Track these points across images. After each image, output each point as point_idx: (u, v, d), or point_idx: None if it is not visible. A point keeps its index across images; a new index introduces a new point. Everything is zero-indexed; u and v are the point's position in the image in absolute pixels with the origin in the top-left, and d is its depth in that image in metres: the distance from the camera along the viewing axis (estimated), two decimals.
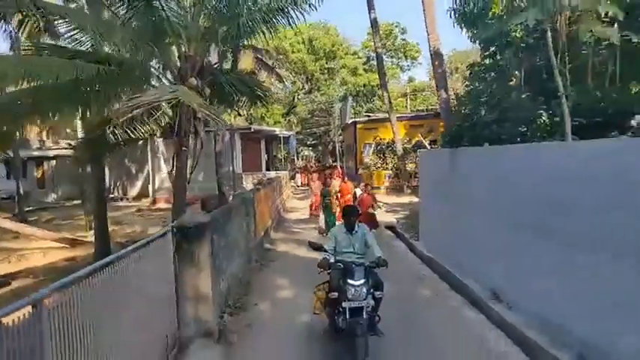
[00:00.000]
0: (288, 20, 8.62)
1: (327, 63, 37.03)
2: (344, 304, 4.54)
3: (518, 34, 8.38)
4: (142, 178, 28.88)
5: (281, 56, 27.66)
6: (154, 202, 24.62)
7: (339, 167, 25.24)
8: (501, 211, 6.16)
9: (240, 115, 22.25)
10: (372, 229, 9.92)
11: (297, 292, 7.10)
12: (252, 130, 24.57)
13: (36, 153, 30.54)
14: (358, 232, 5.25)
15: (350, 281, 4.60)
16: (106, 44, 7.00)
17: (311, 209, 15.93)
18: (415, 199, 14.39)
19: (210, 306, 5.14)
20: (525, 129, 7.57)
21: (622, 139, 5.14)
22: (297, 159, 40.15)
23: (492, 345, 5.18)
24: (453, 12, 9.26)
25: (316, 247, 5.19)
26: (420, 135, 20.18)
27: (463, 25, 9.15)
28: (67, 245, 12.48)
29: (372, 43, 23.36)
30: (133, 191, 29.10)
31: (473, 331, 5.59)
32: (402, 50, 40.37)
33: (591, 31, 5.27)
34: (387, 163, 23.01)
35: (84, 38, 7.00)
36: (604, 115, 6.30)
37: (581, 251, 4.36)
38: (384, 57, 37.59)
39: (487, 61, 9.95)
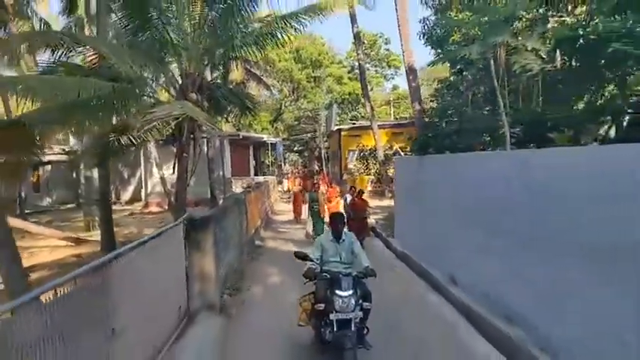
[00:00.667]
0: (277, 42, 9.82)
1: (313, 72, 38.33)
2: (331, 316, 4.40)
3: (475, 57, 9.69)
4: (134, 183, 29.78)
5: (269, 67, 28.78)
6: (147, 205, 25.48)
7: (324, 173, 26.41)
8: (456, 211, 7.38)
9: (228, 121, 23.31)
10: (364, 236, 10.42)
11: (284, 279, 8.26)
12: (241, 136, 25.64)
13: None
14: (345, 241, 5.15)
15: (338, 292, 4.48)
16: (119, 64, 8.02)
17: (295, 213, 16.96)
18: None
19: (213, 284, 6.27)
20: (489, 138, 8.80)
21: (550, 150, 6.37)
22: (284, 164, 41.23)
23: (447, 317, 6.38)
24: (422, 35, 10.51)
25: (301, 257, 4.97)
26: (395, 143, 21.48)
27: (431, 46, 10.41)
28: (71, 243, 13.43)
29: (361, 48, 24.55)
30: (126, 195, 29.99)
31: (432, 309, 6.78)
32: (386, 60, 41.90)
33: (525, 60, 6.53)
34: (369, 169, 24.28)
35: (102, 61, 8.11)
36: (544, 129, 7.57)
37: (518, 244, 5.54)
38: (368, 66, 39.18)
39: (452, 78, 11.19)
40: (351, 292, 4.49)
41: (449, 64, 12.12)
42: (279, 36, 9.46)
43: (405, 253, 9.83)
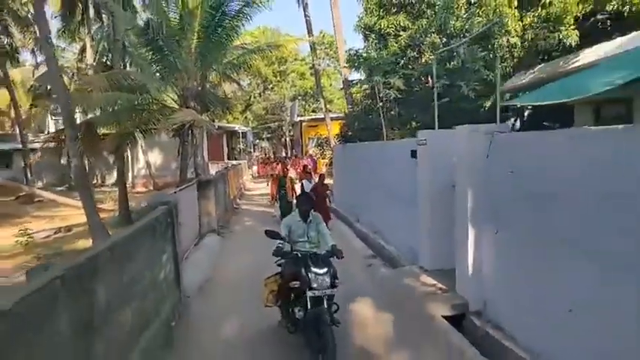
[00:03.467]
0: (249, 66, 14.38)
1: (279, 67, 42.69)
2: (308, 293, 4.47)
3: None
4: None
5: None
6: (133, 186, 29.56)
7: (296, 159, 30.92)
8: (361, 178, 12.16)
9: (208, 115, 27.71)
10: (327, 220, 10.75)
11: (255, 223, 13.01)
12: (217, 127, 29.93)
13: (19, 145, 34.49)
14: (312, 222, 5.29)
15: (315, 269, 4.56)
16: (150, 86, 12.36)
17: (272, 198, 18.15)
18: None
19: (214, 219, 10.93)
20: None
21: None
22: (254, 151, 45.59)
23: (349, 237, 11.16)
24: (348, 60, 15.20)
25: (272, 235, 5.03)
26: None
27: (355, 69, 15.14)
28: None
29: (316, 56, 28.98)
30: (111, 179, 33.81)
31: (345, 236, 11.53)
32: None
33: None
34: (325, 154, 29.03)
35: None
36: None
37: (385, 196, 10.38)
38: (328, 62, 43.86)
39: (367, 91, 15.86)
40: (326, 269, 4.60)
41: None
42: (249, 63, 14.07)
43: (335, 209, 14.69)
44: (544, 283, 4.15)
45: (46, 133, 35.26)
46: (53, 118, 39.74)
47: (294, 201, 7.97)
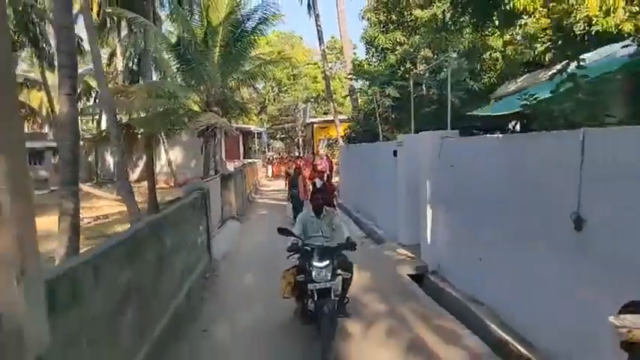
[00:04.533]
0: (264, 75, 16.33)
1: (292, 71, 44.65)
2: (310, 286, 4.62)
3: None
4: (141, 165, 35.92)
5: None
6: (156, 182, 31.69)
7: (305, 158, 32.83)
8: (361, 174, 13.96)
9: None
10: None
11: (268, 213, 14.92)
12: (234, 128, 32.00)
13: (50, 144, 36.98)
14: (326, 217, 5.44)
15: (314, 263, 4.68)
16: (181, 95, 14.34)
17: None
18: None
19: (234, 207, 12.86)
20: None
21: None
22: (268, 150, 47.63)
23: (348, 226, 12.98)
24: (352, 72, 17.02)
25: (285, 233, 5.14)
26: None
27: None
28: (121, 203, 19.76)
29: (327, 63, 30.80)
30: (134, 176, 36.08)
31: (346, 224, 13.33)
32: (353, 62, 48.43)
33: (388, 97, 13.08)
34: (334, 154, 30.85)
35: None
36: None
37: (375, 188, 12.19)
38: (339, 66, 45.69)
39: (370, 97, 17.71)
40: (326, 262, 4.68)
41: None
42: (264, 72, 16.04)
43: (341, 203, 16.52)
44: (469, 247, 6.00)
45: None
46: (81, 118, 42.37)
47: (307, 200, 8.39)
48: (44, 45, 27.10)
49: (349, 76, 17.84)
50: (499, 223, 5.14)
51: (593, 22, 12.31)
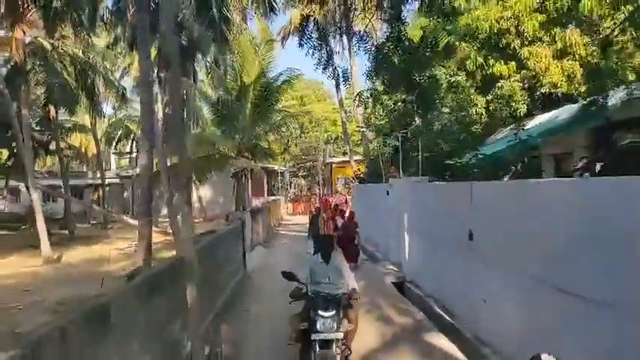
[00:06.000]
0: (288, 126, 19.39)
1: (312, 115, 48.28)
2: (313, 336, 4.47)
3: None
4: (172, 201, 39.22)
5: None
6: None
7: (325, 199, 35.57)
8: (368, 209, 16.54)
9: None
10: (354, 264, 10.52)
11: (289, 242, 17.60)
12: (259, 167, 35.19)
13: (90, 181, 40.61)
14: (333, 263, 5.30)
15: (320, 312, 4.54)
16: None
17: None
18: None
19: (261, 236, 15.62)
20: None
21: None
22: (290, 188, 50.70)
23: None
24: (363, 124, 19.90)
25: (289, 277, 5.05)
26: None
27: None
28: (161, 234, 22.67)
29: (349, 104, 33.88)
30: (164, 211, 39.28)
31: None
32: None
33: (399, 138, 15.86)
34: (350, 192, 33.54)
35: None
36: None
37: (381, 217, 14.78)
38: (355, 110, 49.08)
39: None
40: (333, 312, 4.56)
41: None
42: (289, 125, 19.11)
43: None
44: (433, 262, 8.55)
45: (108, 168, 41.30)
46: (116, 157, 46.38)
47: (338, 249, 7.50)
48: (97, 97, 30.99)
49: (359, 128, 20.80)
50: (434, 238, 7.76)
51: (558, 86, 15.07)
